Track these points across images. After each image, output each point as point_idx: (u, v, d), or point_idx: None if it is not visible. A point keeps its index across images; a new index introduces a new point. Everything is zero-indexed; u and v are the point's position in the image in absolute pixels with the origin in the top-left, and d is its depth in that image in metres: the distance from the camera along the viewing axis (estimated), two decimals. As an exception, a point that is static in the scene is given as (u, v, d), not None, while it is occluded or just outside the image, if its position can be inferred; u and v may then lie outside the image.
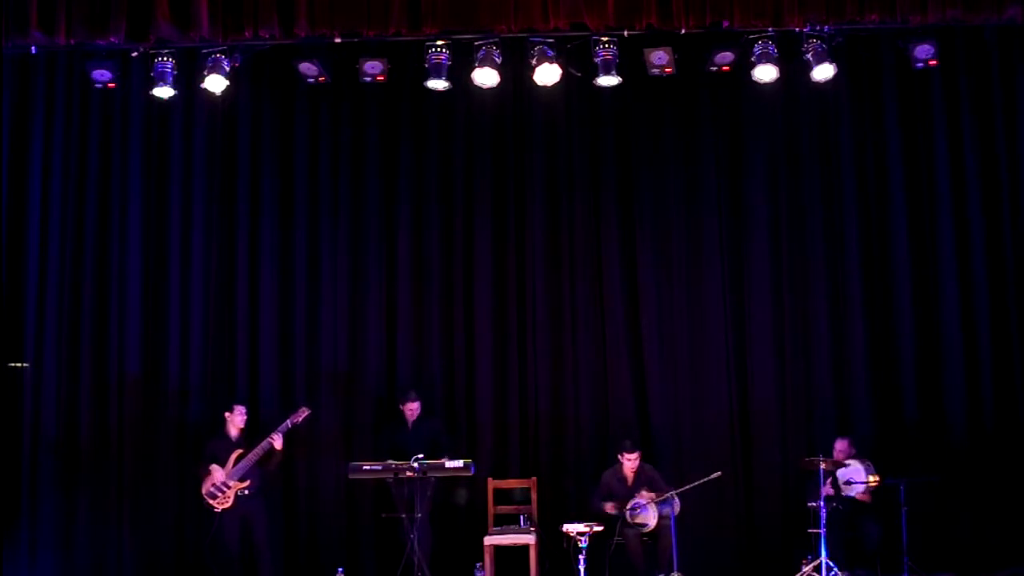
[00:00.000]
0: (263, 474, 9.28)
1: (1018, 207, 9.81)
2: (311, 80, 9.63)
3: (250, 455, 9.15)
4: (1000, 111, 9.89)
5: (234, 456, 9.19)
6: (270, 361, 10.05)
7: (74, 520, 9.82)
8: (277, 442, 9.12)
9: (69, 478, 9.85)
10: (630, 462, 9.28)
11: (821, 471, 8.82)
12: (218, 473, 9.13)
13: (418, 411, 9.55)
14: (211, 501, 9.13)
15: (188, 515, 9.79)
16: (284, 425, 9.19)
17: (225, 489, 9.12)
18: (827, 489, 8.90)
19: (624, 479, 9.35)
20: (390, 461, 8.91)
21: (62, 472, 9.84)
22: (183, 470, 9.84)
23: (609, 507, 9.20)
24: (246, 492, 9.14)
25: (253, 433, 9.38)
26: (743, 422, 9.92)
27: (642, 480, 9.27)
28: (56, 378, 9.92)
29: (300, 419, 9.24)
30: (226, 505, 9.12)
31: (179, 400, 10.00)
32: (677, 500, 8.99)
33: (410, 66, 9.53)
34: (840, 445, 9.36)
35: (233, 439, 9.33)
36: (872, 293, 9.97)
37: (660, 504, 9.02)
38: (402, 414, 9.58)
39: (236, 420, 9.36)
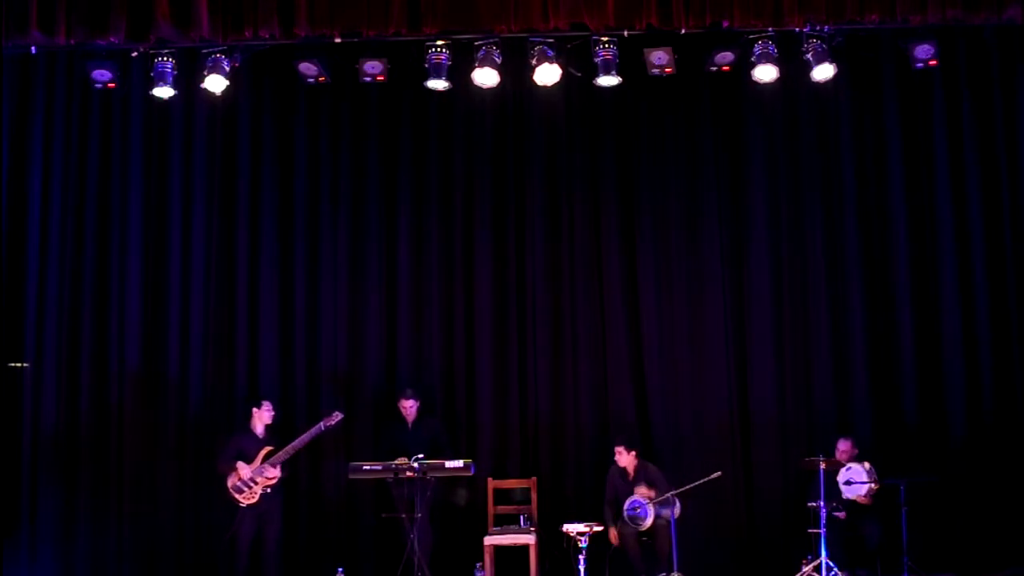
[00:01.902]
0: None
1: (1018, 207, 9.81)
2: (311, 80, 9.63)
3: (280, 454, 9.14)
4: (1000, 111, 9.89)
5: (263, 453, 9.18)
6: (270, 361, 10.05)
7: (74, 519, 9.82)
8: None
9: (69, 477, 9.84)
10: (620, 456, 9.29)
11: (821, 471, 8.83)
12: (244, 470, 9.11)
13: (415, 410, 9.53)
14: (238, 496, 9.12)
15: (188, 513, 9.81)
16: (316, 428, 9.19)
17: (252, 485, 9.11)
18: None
19: (625, 474, 9.35)
20: (390, 461, 8.91)
21: (62, 471, 9.83)
22: (183, 469, 9.86)
23: (612, 536, 9.20)
24: (269, 490, 9.14)
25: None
26: (743, 422, 9.92)
27: (643, 477, 9.28)
28: (56, 378, 9.92)
29: (333, 423, 9.21)
30: (252, 501, 9.12)
31: (179, 400, 9.99)
32: (678, 502, 8.99)
33: (410, 66, 9.53)
34: (843, 445, 9.35)
35: (260, 436, 9.31)
36: (872, 293, 9.97)
37: (659, 505, 9.02)
38: (400, 413, 9.58)
39: (264, 416, 9.33)
